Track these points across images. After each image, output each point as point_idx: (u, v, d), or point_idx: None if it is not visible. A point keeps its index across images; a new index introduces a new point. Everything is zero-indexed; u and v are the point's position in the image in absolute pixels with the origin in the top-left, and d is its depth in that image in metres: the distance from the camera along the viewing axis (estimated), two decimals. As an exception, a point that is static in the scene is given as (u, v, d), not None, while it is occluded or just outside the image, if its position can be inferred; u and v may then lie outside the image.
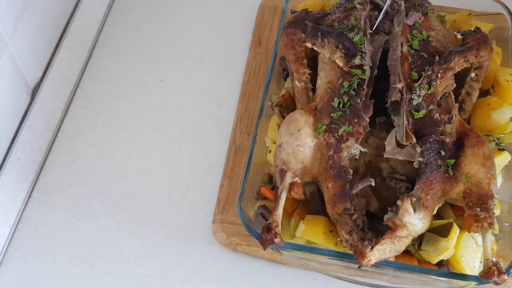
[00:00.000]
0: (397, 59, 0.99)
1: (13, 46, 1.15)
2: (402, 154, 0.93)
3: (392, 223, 0.88)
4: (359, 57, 0.98)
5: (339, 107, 0.97)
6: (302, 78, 1.06)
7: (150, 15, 1.40)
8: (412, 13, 1.06)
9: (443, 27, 1.07)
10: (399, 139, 0.94)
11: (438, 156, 0.92)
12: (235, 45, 1.34)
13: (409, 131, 0.93)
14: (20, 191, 1.13)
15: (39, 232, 1.10)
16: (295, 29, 1.06)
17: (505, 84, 1.04)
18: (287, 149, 0.96)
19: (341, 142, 0.94)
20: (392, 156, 0.93)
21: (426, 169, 0.91)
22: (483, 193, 0.90)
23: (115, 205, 1.13)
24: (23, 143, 1.18)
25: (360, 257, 0.87)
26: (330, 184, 0.93)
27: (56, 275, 1.06)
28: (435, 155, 0.92)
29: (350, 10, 1.07)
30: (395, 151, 0.94)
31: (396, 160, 0.96)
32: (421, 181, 0.91)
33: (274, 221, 0.89)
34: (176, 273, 1.06)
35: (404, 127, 0.93)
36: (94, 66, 1.32)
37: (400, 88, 0.96)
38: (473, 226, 0.88)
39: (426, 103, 0.95)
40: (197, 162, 1.18)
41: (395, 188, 0.96)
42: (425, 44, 1.01)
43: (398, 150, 0.94)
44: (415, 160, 0.92)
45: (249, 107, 1.21)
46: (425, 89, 0.96)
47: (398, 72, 0.98)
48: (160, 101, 1.26)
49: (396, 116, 0.96)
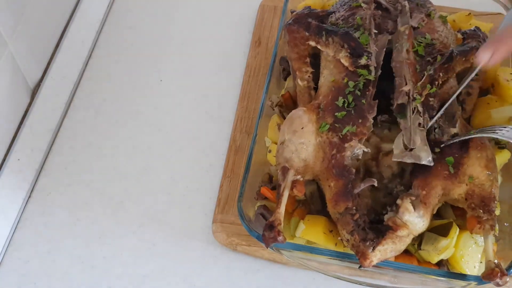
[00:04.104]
0: (402, 61, 0.98)
1: (13, 46, 1.15)
2: (410, 157, 0.92)
3: (393, 222, 0.88)
4: (366, 57, 0.98)
5: (343, 106, 0.96)
6: (305, 76, 1.05)
7: (150, 15, 1.40)
8: (416, 14, 1.05)
9: (445, 28, 1.07)
10: (406, 143, 0.93)
11: (434, 154, 0.92)
12: (235, 45, 1.34)
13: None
14: (20, 191, 1.13)
15: (39, 232, 1.10)
16: (298, 27, 1.05)
17: (505, 83, 1.05)
18: (290, 147, 0.96)
19: (345, 141, 0.94)
20: (401, 159, 0.92)
21: (421, 167, 0.91)
22: (486, 195, 0.90)
23: (115, 205, 1.13)
24: (23, 143, 1.18)
25: (362, 258, 0.87)
26: (332, 183, 0.93)
27: (56, 275, 1.06)
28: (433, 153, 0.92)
29: (355, 8, 1.07)
30: (403, 154, 0.92)
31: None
32: (417, 179, 0.91)
33: (277, 219, 0.89)
34: (176, 273, 1.06)
35: (411, 131, 0.93)
36: (94, 66, 1.32)
37: (407, 91, 0.96)
38: (475, 228, 0.88)
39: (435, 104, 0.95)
40: (197, 162, 1.18)
41: (392, 189, 0.96)
42: (429, 48, 1.01)
43: (406, 153, 0.92)
44: (422, 163, 0.92)
45: (249, 107, 1.21)
46: (427, 88, 0.96)
47: (404, 75, 0.97)
48: (160, 101, 1.26)
49: (402, 119, 0.95)
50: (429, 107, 0.96)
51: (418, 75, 0.97)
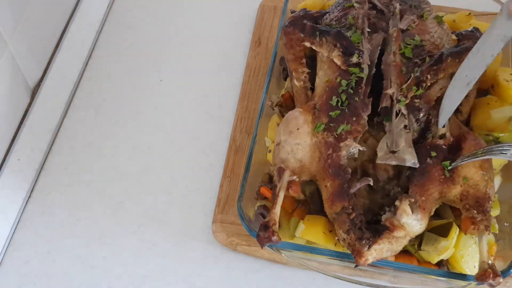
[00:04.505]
0: (390, 64, 0.99)
1: (13, 46, 1.15)
2: (394, 159, 0.92)
3: (390, 223, 0.88)
4: (357, 55, 0.99)
5: (337, 105, 0.97)
6: (301, 77, 1.06)
7: (150, 15, 1.40)
8: (406, 16, 1.06)
9: (440, 28, 1.07)
10: (390, 145, 0.93)
11: (430, 158, 0.92)
12: (235, 45, 1.34)
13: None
14: (20, 191, 1.14)
15: (39, 232, 1.10)
16: (294, 29, 1.06)
17: (505, 83, 1.04)
18: (286, 148, 0.96)
19: (340, 140, 0.94)
20: (384, 162, 0.93)
21: (417, 172, 0.91)
22: (480, 196, 0.90)
23: (115, 205, 1.13)
24: (23, 143, 1.18)
25: (358, 256, 0.87)
26: (329, 183, 0.93)
27: (56, 275, 1.06)
28: (428, 158, 0.92)
29: (348, 9, 1.07)
30: (387, 156, 0.92)
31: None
32: (413, 184, 0.91)
33: (272, 219, 0.89)
34: (176, 273, 1.06)
35: (394, 133, 0.93)
36: (94, 66, 1.32)
37: (391, 94, 0.96)
38: (470, 228, 0.88)
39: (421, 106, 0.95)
40: (197, 162, 1.18)
41: (389, 190, 0.96)
42: (418, 50, 1.01)
43: (390, 155, 0.92)
44: (407, 165, 0.92)
45: (249, 107, 1.21)
46: (413, 90, 0.96)
47: (390, 78, 0.98)
48: (160, 101, 1.26)
49: (387, 122, 0.96)
50: (414, 108, 0.96)
51: (404, 77, 0.98)
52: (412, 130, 0.95)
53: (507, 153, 0.87)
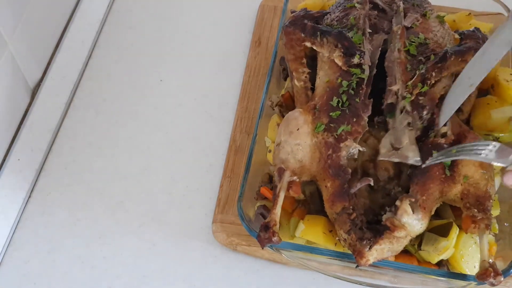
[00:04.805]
0: (394, 60, 0.99)
1: (13, 46, 1.15)
2: (397, 157, 0.92)
3: (391, 223, 0.88)
4: (358, 56, 0.99)
5: (338, 106, 0.97)
6: (301, 77, 1.06)
7: (150, 15, 1.40)
8: (410, 14, 1.06)
9: (442, 28, 1.07)
10: (393, 142, 0.93)
11: (432, 156, 0.92)
12: (235, 45, 1.34)
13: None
14: (20, 191, 1.13)
15: (39, 232, 1.10)
16: (294, 29, 1.06)
17: (505, 83, 1.04)
18: (286, 148, 0.96)
19: (340, 141, 0.94)
20: (387, 159, 0.93)
21: (418, 171, 0.91)
22: (481, 194, 0.90)
23: (115, 205, 1.13)
24: (23, 143, 1.18)
25: (359, 256, 0.87)
26: (329, 183, 0.93)
27: (56, 275, 1.06)
28: (430, 156, 0.92)
29: (349, 9, 1.07)
30: (390, 153, 0.92)
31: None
32: (414, 183, 0.91)
33: (272, 220, 0.89)
34: (176, 273, 1.06)
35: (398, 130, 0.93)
36: (94, 66, 1.32)
37: (395, 91, 0.96)
38: (470, 227, 0.88)
39: (425, 104, 0.95)
40: (197, 162, 1.18)
41: (390, 190, 0.96)
42: (422, 48, 1.01)
43: (393, 152, 0.92)
44: (410, 163, 0.92)
45: (249, 107, 1.21)
46: (418, 87, 0.96)
47: (395, 74, 0.98)
48: (160, 101, 1.26)
49: (391, 118, 0.96)
50: (419, 105, 0.96)
51: (409, 74, 0.98)
52: (415, 128, 0.95)
53: (481, 154, 0.85)
